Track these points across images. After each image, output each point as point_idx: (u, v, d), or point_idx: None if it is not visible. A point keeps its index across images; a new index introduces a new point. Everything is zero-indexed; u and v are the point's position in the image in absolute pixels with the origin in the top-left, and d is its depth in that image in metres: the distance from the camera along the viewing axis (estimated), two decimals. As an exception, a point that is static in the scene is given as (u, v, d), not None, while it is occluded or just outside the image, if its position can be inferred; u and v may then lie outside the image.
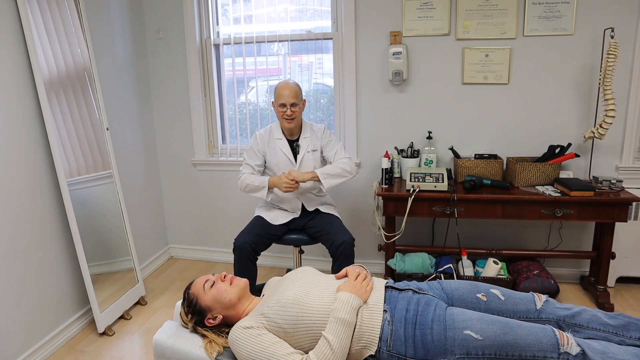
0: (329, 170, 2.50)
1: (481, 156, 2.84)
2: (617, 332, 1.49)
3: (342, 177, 2.52)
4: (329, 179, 2.48)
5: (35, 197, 2.33)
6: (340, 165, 2.52)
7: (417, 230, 3.12)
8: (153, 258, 3.45)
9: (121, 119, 3.03)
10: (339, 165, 2.52)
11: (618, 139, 2.79)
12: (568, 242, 2.99)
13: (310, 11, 3.09)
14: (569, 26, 2.70)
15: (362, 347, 1.47)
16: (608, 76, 2.53)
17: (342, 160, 2.55)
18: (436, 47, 2.87)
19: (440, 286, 1.67)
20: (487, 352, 1.39)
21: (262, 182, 2.52)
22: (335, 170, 2.50)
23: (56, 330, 2.46)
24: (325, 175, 2.48)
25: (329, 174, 2.49)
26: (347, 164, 2.54)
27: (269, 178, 2.53)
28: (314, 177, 2.48)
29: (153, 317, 2.77)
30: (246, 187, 2.56)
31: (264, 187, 2.52)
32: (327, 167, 2.52)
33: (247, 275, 2.42)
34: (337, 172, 2.50)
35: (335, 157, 2.58)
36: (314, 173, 2.48)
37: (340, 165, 2.52)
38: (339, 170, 2.50)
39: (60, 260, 2.49)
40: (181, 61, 3.27)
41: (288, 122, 2.50)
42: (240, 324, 1.51)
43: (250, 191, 2.56)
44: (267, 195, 2.54)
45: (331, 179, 2.49)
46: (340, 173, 2.51)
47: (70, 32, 2.50)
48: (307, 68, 3.20)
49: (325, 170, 2.50)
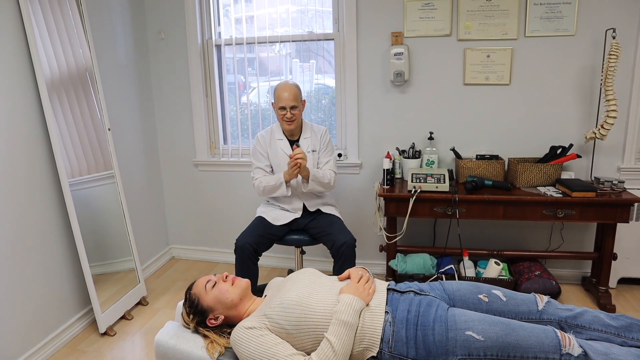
0: (320, 177, 2.53)
1: (483, 157, 2.83)
2: (619, 333, 1.49)
3: (323, 187, 2.58)
4: (314, 184, 2.52)
5: (37, 198, 2.33)
6: (328, 175, 2.57)
7: (419, 231, 3.12)
8: (154, 258, 3.45)
9: (123, 120, 3.04)
10: (327, 175, 2.57)
11: (620, 139, 2.79)
12: (569, 243, 2.98)
13: (311, 12, 3.10)
14: (571, 27, 2.70)
15: (363, 348, 1.47)
16: (610, 77, 2.53)
17: (331, 172, 2.60)
18: (438, 48, 2.87)
19: (441, 287, 1.67)
20: (488, 353, 1.39)
21: (278, 180, 2.54)
22: (324, 179, 2.54)
23: (57, 330, 2.46)
24: (314, 178, 2.51)
25: (317, 180, 2.52)
26: (333, 177, 2.60)
27: (282, 173, 2.53)
28: (306, 175, 2.50)
29: (154, 317, 2.77)
30: (264, 190, 2.57)
31: (282, 183, 2.53)
32: (319, 173, 2.55)
33: (249, 275, 2.42)
34: (324, 182, 2.55)
35: (325, 165, 2.63)
36: (308, 171, 2.49)
37: (328, 176, 2.57)
38: (326, 181, 2.55)
39: (61, 261, 2.49)
40: (182, 62, 3.27)
41: (288, 124, 2.52)
42: (242, 324, 1.51)
43: (270, 192, 2.57)
44: (287, 190, 2.55)
45: (316, 185, 2.54)
46: (326, 184, 2.57)
47: (72, 32, 2.51)
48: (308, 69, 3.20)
49: (317, 174, 2.53)
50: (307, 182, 2.52)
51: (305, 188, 2.54)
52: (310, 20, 3.11)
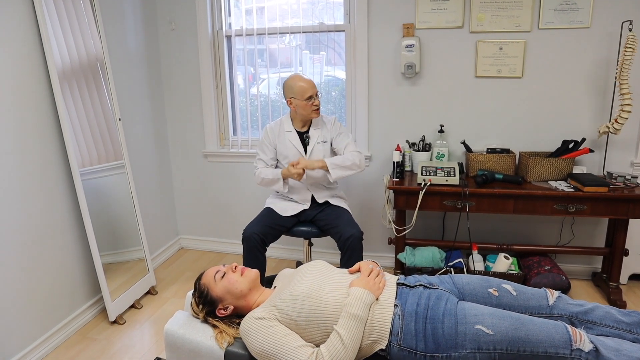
0: (339, 161, 2.49)
1: (493, 150, 2.81)
2: (631, 329, 1.48)
3: (350, 169, 2.51)
4: (337, 170, 2.47)
5: (48, 187, 2.35)
6: (350, 157, 2.51)
7: (428, 224, 3.11)
8: (164, 248, 3.48)
9: (133, 110, 3.05)
10: (349, 157, 2.51)
11: (633, 134, 2.75)
12: (580, 238, 2.96)
13: (322, 3, 3.07)
14: (586, 19, 2.66)
15: (372, 341, 1.47)
16: (625, 70, 2.49)
17: (353, 153, 2.53)
18: (449, 40, 2.84)
19: (451, 280, 1.67)
20: (498, 347, 1.38)
21: (275, 175, 2.55)
22: (345, 162, 2.49)
23: (68, 318, 2.50)
24: (334, 166, 2.47)
25: (337, 165, 2.48)
26: (357, 157, 2.52)
27: (281, 170, 2.54)
28: (323, 166, 2.47)
29: (163, 306, 2.79)
30: (262, 181, 2.59)
31: (279, 179, 2.54)
32: (336, 158, 2.52)
33: (256, 266, 2.43)
34: (347, 164, 2.49)
35: (345, 149, 2.57)
36: (323, 162, 2.47)
37: (350, 158, 2.50)
38: (348, 163, 2.49)
39: (72, 250, 2.52)
40: (193, 52, 3.27)
41: (317, 113, 2.53)
42: (252, 315, 1.52)
43: (267, 184, 2.59)
44: (283, 187, 2.56)
45: (339, 170, 2.48)
46: (350, 166, 2.49)
47: (83, 23, 2.51)
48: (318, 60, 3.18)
49: (334, 160, 2.49)
50: (328, 172, 2.48)
51: (331, 178, 2.49)
52: (320, 11, 3.09)
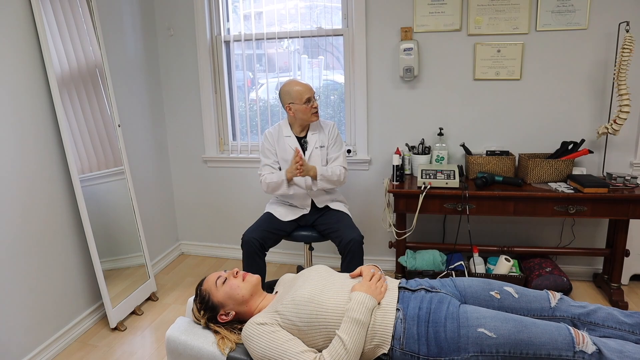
0: (328, 174, 2.53)
1: (493, 153, 2.81)
2: (633, 330, 1.47)
3: (333, 184, 2.58)
4: (323, 182, 2.53)
5: (48, 194, 2.34)
6: (337, 172, 2.56)
7: (428, 227, 3.10)
8: (164, 254, 3.47)
9: (132, 116, 3.05)
10: (336, 172, 2.56)
11: (632, 134, 2.76)
12: (581, 239, 2.96)
13: (320, 7, 3.08)
14: (583, 20, 2.67)
15: (375, 345, 1.47)
16: (623, 71, 2.50)
17: (340, 168, 2.59)
18: (447, 43, 2.85)
19: (453, 283, 1.66)
20: (501, 350, 1.38)
21: (279, 177, 2.54)
22: (332, 176, 2.54)
23: (69, 325, 2.49)
24: (322, 177, 2.52)
25: (325, 178, 2.53)
26: (343, 173, 2.59)
27: (284, 171, 2.53)
28: (314, 175, 2.50)
29: (164, 312, 2.79)
30: (268, 187, 2.57)
31: (283, 180, 2.52)
32: (326, 170, 2.55)
33: (256, 270, 2.42)
34: (334, 179, 2.55)
35: (335, 161, 2.61)
36: (315, 170, 2.50)
37: (337, 172, 2.56)
38: (334, 178, 2.55)
39: (72, 256, 2.51)
40: (192, 58, 3.27)
41: (316, 116, 2.55)
42: (254, 320, 1.52)
43: (273, 189, 2.57)
44: (288, 188, 2.55)
45: (325, 182, 2.54)
46: (335, 181, 2.56)
47: (82, 29, 2.52)
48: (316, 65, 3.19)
49: (324, 172, 2.53)
50: (316, 180, 2.52)
51: (315, 187, 2.55)
52: (318, 15, 3.10)
